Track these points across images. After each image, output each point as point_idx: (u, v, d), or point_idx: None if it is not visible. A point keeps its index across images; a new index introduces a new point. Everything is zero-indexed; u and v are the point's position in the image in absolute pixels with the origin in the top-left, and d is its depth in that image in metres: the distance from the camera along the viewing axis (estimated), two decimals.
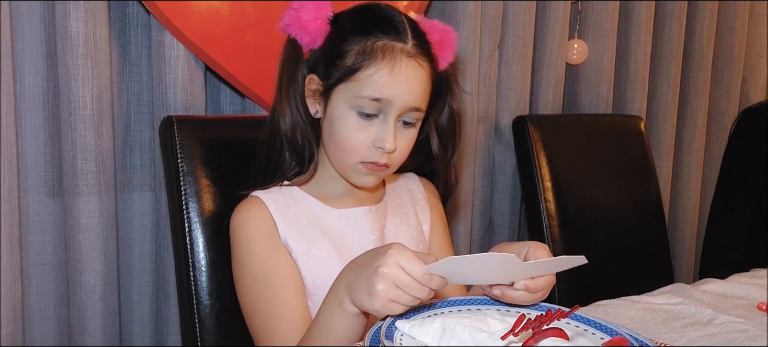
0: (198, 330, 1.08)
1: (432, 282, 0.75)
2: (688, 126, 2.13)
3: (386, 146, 0.93)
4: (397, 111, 0.93)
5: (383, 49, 0.92)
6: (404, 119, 0.96)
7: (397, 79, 0.92)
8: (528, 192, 1.64)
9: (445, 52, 1.01)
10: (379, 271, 0.74)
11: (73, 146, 1.20)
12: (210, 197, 1.10)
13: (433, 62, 0.98)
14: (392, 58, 0.92)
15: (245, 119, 1.23)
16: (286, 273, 0.95)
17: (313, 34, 0.97)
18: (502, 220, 1.76)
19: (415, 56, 0.94)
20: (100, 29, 1.20)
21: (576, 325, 0.81)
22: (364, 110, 0.93)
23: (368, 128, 0.94)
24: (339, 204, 1.02)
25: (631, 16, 1.90)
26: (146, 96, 1.33)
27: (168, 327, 1.33)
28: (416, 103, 0.94)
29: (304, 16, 0.96)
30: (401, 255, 0.75)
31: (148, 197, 1.36)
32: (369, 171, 0.96)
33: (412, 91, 0.93)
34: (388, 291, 0.74)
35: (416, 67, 0.94)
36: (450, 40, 1.01)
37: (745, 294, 1.18)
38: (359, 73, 0.92)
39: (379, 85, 0.91)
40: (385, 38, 0.93)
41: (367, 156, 0.95)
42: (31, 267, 1.25)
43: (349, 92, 0.93)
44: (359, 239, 1.00)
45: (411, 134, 0.98)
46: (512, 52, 1.69)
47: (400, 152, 0.97)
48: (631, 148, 1.80)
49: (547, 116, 1.77)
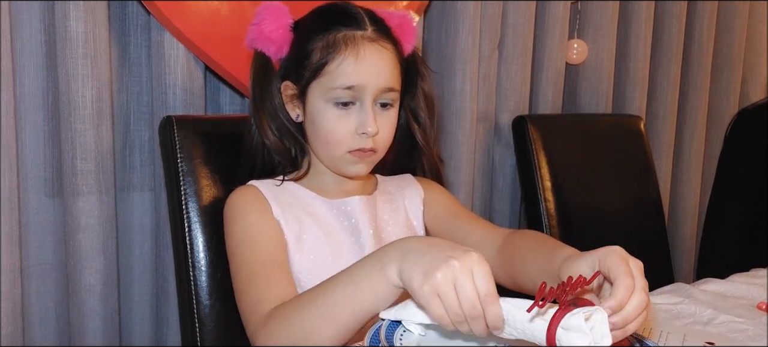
0: (198, 330, 1.08)
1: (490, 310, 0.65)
2: (688, 126, 2.13)
3: (368, 130, 0.96)
4: (371, 95, 0.96)
5: (345, 39, 0.96)
6: (381, 102, 0.99)
7: (363, 64, 0.95)
8: (528, 192, 1.64)
9: (407, 35, 1.04)
10: (449, 261, 0.65)
11: (72, 146, 1.20)
12: (210, 197, 1.10)
13: (397, 45, 1.01)
14: (355, 45, 0.95)
15: (245, 119, 1.22)
16: (273, 237, 0.96)
17: (278, 44, 1.01)
18: (502, 220, 1.76)
19: (377, 40, 0.97)
20: (99, 29, 1.20)
21: None
22: (340, 100, 0.96)
23: (348, 117, 0.97)
24: (332, 196, 1.04)
25: (631, 15, 1.90)
26: (146, 96, 1.33)
27: (168, 327, 1.33)
28: (388, 83, 0.98)
29: (265, 28, 1.00)
30: (479, 264, 0.66)
31: (148, 197, 1.36)
32: (358, 159, 0.99)
33: (380, 72, 0.97)
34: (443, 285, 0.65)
35: (380, 49, 0.97)
36: (408, 23, 1.05)
37: (745, 293, 1.18)
38: (327, 67, 0.96)
39: (348, 73, 0.95)
40: (344, 29, 0.96)
41: (352, 144, 0.97)
42: (31, 267, 1.25)
43: (321, 87, 0.97)
44: (351, 229, 1.01)
45: (390, 115, 1.01)
46: (512, 52, 1.69)
47: (384, 134, 1.00)
48: (631, 148, 1.80)
49: (547, 115, 1.77)
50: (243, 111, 1.41)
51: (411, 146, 1.12)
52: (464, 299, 0.65)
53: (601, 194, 1.70)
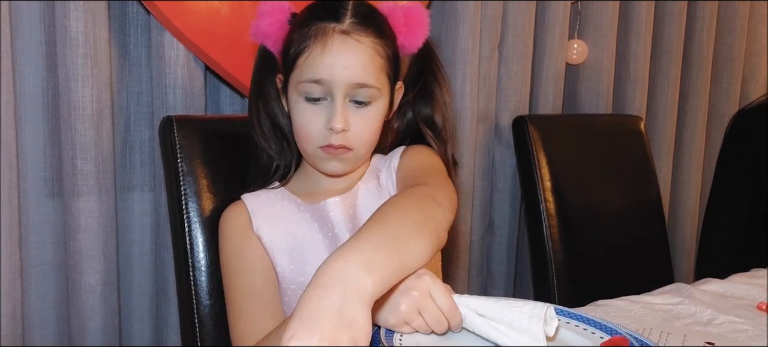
0: (198, 330, 1.08)
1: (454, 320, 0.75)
2: (688, 126, 2.13)
3: (335, 126, 0.92)
4: (341, 90, 0.93)
5: (315, 32, 0.93)
6: (355, 99, 0.95)
7: (329, 57, 0.92)
8: (528, 192, 1.64)
9: (415, 28, 1.00)
10: (409, 293, 0.74)
11: (72, 146, 1.20)
12: (210, 197, 1.10)
13: (385, 39, 0.96)
14: (323, 38, 0.92)
15: (245, 119, 1.22)
16: (255, 260, 0.99)
17: (274, 37, 1.00)
18: (502, 220, 1.76)
19: (352, 33, 0.93)
20: (99, 29, 1.20)
21: (576, 324, 0.81)
22: (310, 95, 0.94)
23: (319, 113, 0.95)
24: (315, 199, 1.03)
25: (631, 16, 1.90)
26: (146, 96, 1.33)
27: (168, 327, 1.33)
28: (358, 79, 0.93)
29: (263, 21, 0.99)
30: (435, 285, 0.75)
31: (147, 197, 1.36)
32: (330, 156, 0.96)
33: (348, 67, 0.92)
34: (410, 313, 0.74)
35: (352, 43, 0.93)
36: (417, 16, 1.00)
37: (745, 294, 1.18)
38: (298, 60, 0.94)
39: (314, 66, 0.92)
40: (318, 22, 0.94)
41: (321, 140, 0.95)
42: (31, 267, 1.25)
43: (294, 80, 0.96)
44: (326, 231, 1.00)
45: (367, 113, 0.96)
46: (512, 52, 1.69)
47: (359, 132, 0.96)
48: (631, 148, 1.80)
49: (547, 116, 1.77)
50: (243, 111, 1.41)
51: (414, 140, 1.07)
52: (431, 320, 0.74)
53: (601, 194, 1.70)
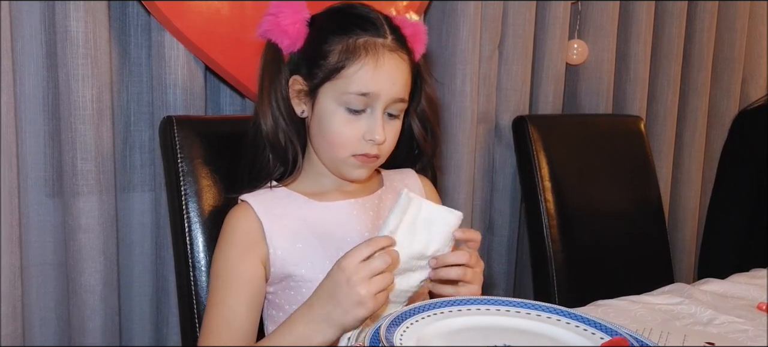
0: (198, 330, 1.08)
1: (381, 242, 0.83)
2: (688, 126, 2.13)
3: (376, 137, 0.96)
4: (383, 104, 0.97)
5: (365, 46, 0.96)
6: (389, 112, 0.99)
7: (381, 73, 0.95)
8: (528, 192, 1.64)
9: (419, 44, 1.05)
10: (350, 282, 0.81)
11: (73, 146, 1.20)
12: (210, 197, 1.10)
13: (411, 54, 1.02)
14: (375, 54, 0.95)
15: (245, 119, 1.22)
16: (247, 281, 0.97)
17: (293, 37, 1.00)
18: (502, 220, 1.76)
19: (396, 50, 0.98)
20: (100, 29, 1.20)
21: (576, 325, 0.81)
22: (352, 107, 0.96)
23: (357, 123, 0.97)
24: (326, 198, 1.04)
25: (631, 16, 1.90)
26: (146, 96, 1.33)
27: (168, 327, 1.33)
28: (400, 94, 0.98)
29: (282, 20, 0.99)
30: (350, 256, 0.82)
31: (148, 197, 1.36)
32: (361, 164, 1.00)
33: (396, 83, 0.97)
34: (369, 287, 0.80)
35: (398, 60, 0.98)
36: (421, 33, 1.06)
37: (745, 294, 1.18)
38: (345, 71, 0.95)
39: (365, 80, 0.95)
40: (365, 35, 0.96)
41: (357, 149, 0.98)
42: (31, 267, 1.25)
43: (336, 90, 0.97)
44: (344, 231, 1.01)
45: (396, 125, 1.02)
46: (512, 52, 1.69)
47: (389, 143, 1.01)
48: (631, 148, 1.80)
49: (547, 116, 1.77)
50: (243, 111, 1.41)
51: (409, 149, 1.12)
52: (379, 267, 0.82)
53: (601, 195, 1.70)
